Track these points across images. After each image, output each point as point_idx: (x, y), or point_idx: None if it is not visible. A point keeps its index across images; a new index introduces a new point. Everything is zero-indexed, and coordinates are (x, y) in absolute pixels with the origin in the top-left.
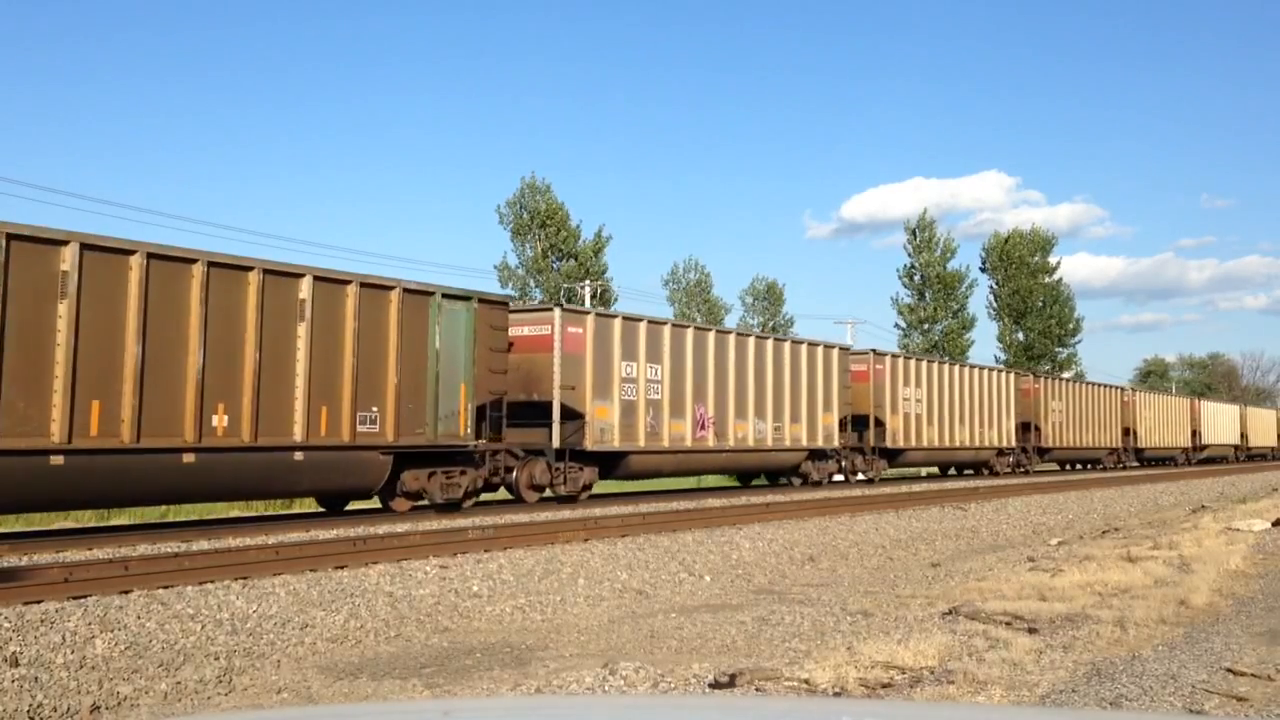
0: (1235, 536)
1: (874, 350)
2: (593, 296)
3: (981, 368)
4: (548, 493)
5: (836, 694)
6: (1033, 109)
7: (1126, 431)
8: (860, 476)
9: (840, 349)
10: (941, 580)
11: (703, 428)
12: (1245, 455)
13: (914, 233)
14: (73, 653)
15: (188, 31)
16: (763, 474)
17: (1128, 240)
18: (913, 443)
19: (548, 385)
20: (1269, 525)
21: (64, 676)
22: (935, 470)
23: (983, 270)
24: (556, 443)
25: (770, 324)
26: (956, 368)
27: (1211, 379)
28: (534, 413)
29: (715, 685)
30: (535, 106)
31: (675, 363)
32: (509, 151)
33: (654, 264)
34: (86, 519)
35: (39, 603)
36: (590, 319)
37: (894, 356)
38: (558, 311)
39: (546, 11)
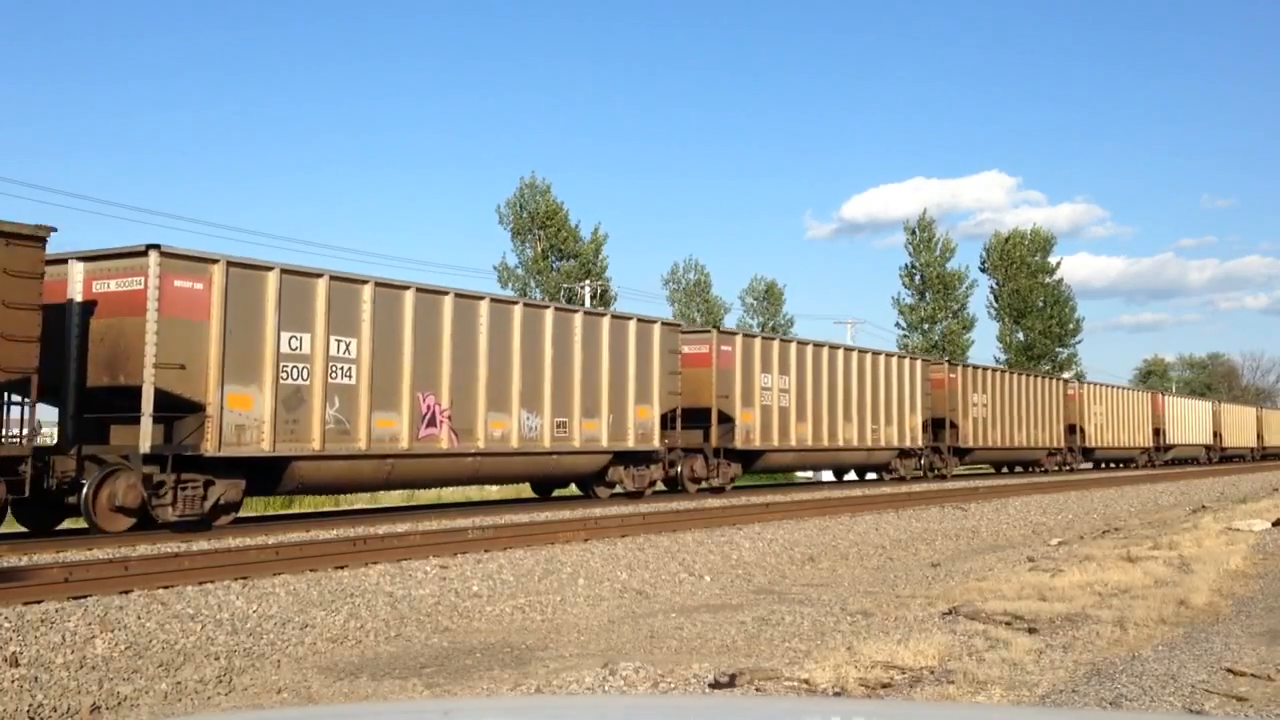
0: (1235, 536)
1: (717, 327)
2: (593, 296)
3: (876, 353)
4: (703, 484)
5: (836, 694)
6: (1033, 109)
7: (1071, 429)
8: (705, 484)
9: (665, 325)
10: (941, 580)
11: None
12: (1219, 457)
13: (914, 233)
14: (73, 653)
15: (188, 32)
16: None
17: (1128, 240)
18: (774, 442)
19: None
20: (1269, 525)
21: (64, 676)
22: (812, 475)
23: (983, 270)
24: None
25: (771, 324)
26: (840, 352)
27: (1211, 379)
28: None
29: (715, 685)
30: (535, 106)
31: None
32: (509, 151)
33: (655, 264)
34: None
35: (39, 603)
36: (739, 339)
37: (748, 336)
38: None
39: (546, 12)
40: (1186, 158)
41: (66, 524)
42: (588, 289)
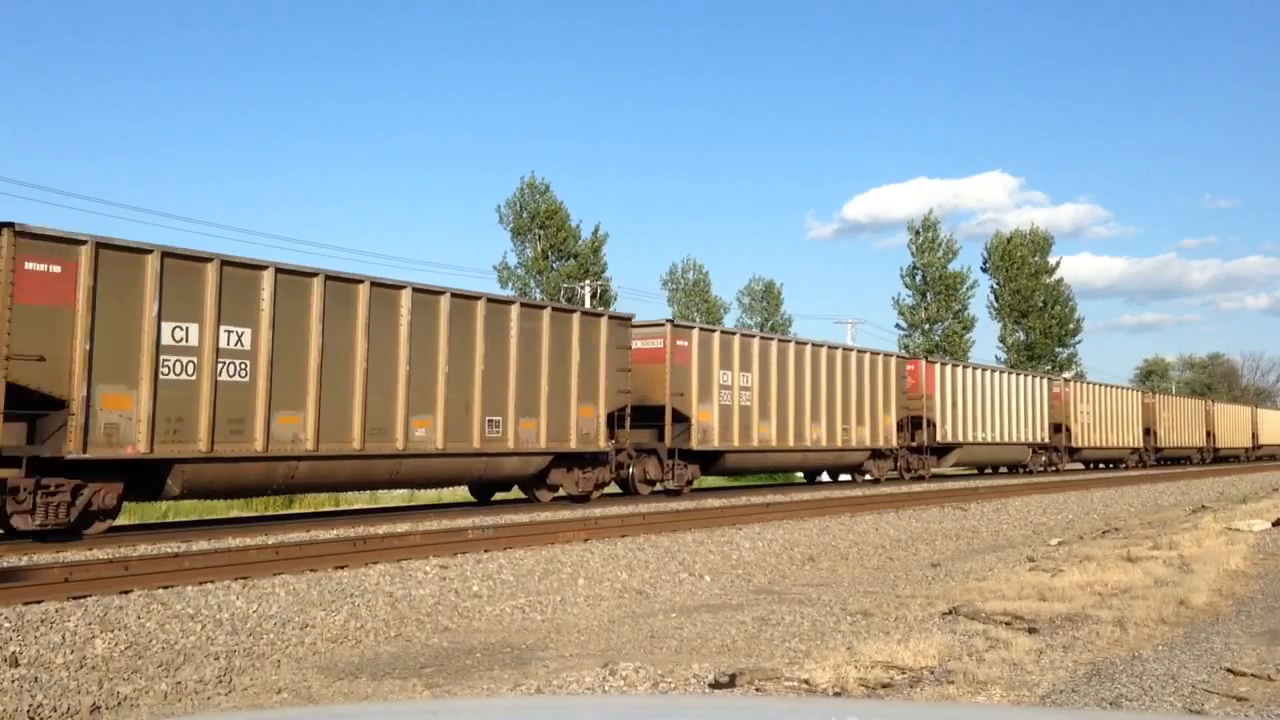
0: (1235, 536)
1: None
2: (593, 296)
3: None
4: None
5: (836, 694)
6: (1036, 110)
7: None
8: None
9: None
10: (941, 580)
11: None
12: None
13: (917, 233)
14: (73, 653)
15: (188, 32)
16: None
17: (1130, 240)
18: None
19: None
20: (1269, 525)
21: (64, 676)
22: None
23: (984, 270)
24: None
25: (770, 324)
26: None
27: (1212, 379)
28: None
29: (715, 685)
30: (535, 106)
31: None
32: (509, 151)
33: (655, 264)
34: None
35: (39, 603)
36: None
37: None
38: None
39: (546, 12)
40: (1189, 158)
41: None
42: (587, 289)
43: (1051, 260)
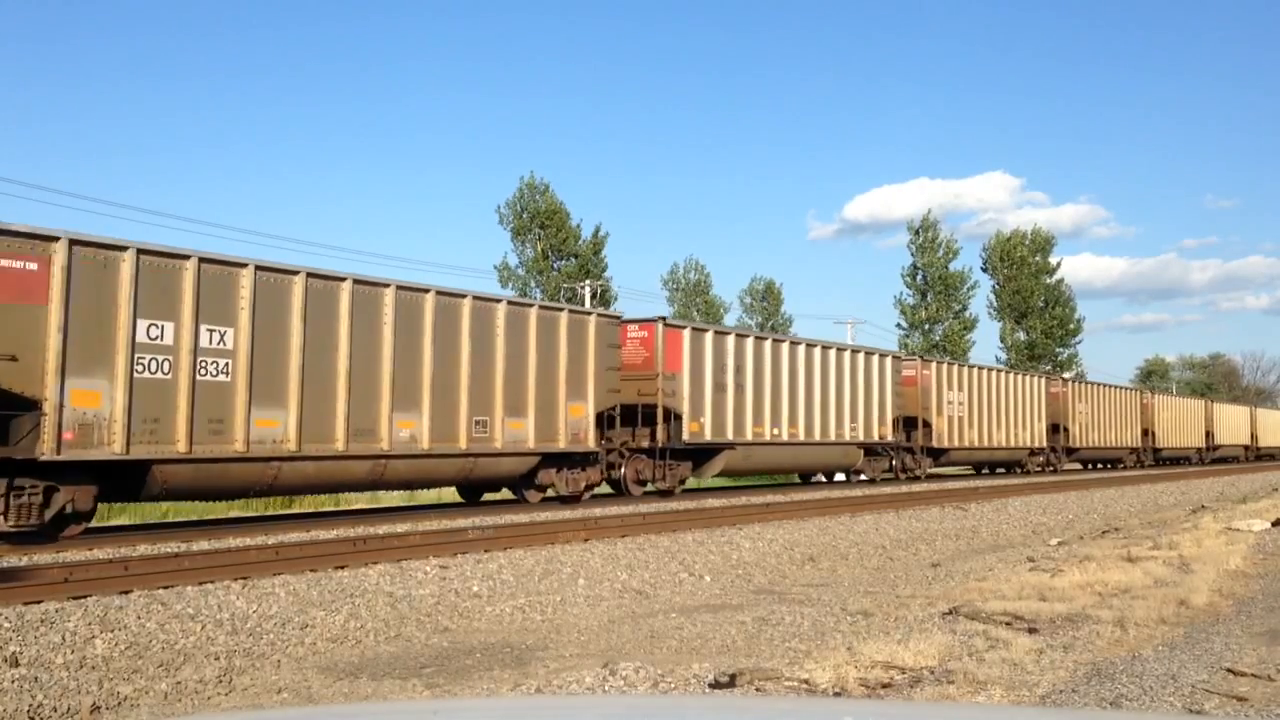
0: (1235, 536)
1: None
2: (593, 296)
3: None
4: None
5: (836, 694)
6: (1037, 110)
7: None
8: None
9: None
10: (942, 580)
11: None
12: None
13: (918, 233)
14: (73, 653)
15: (188, 32)
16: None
17: (1131, 241)
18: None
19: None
20: (1269, 525)
21: (64, 676)
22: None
23: (984, 270)
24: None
25: (770, 324)
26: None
27: (1212, 379)
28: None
29: (715, 685)
30: (536, 106)
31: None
32: (509, 151)
33: (655, 264)
34: None
35: (39, 603)
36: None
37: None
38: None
39: (547, 12)
40: (1190, 158)
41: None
42: (588, 289)
43: (1052, 260)
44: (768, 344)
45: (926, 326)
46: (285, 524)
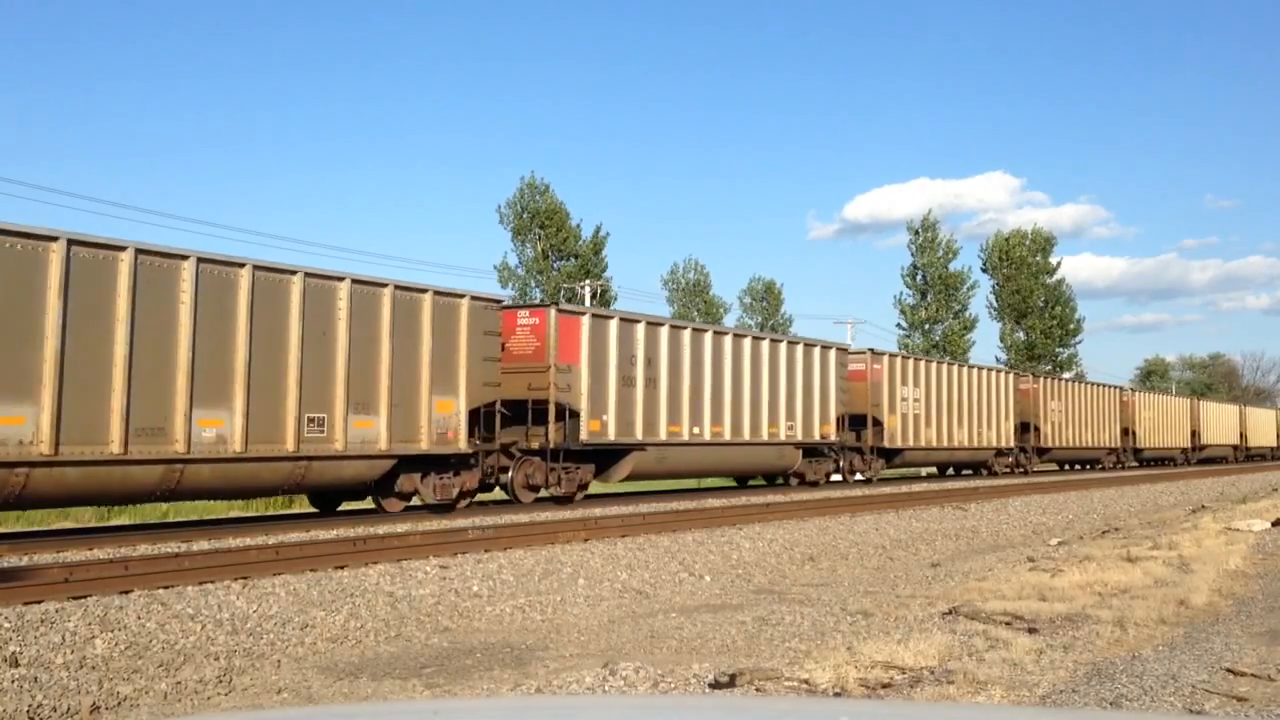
0: (1235, 536)
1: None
2: (593, 296)
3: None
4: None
5: (836, 694)
6: (1038, 110)
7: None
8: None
9: (475, 299)
10: (942, 580)
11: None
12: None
13: (917, 233)
14: (73, 653)
15: (188, 32)
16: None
17: (1131, 241)
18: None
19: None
20: (1269, 525)
21: (64, 676)
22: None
23: (983, 271)
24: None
25: (770, 324)
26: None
27: (1212, 379)
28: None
29: (715, 685)
30: (536, 106)
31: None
32: (509, 151)
33: (655, 264)
34: (87, 518)
35: (39, 603)
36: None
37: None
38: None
39: (547, 12)
40: (1190, 158)
41: None
42: (588, 289)
43: (1053, 260)
44: (686, 333)
45: (926, 327)
46: (285, 524)
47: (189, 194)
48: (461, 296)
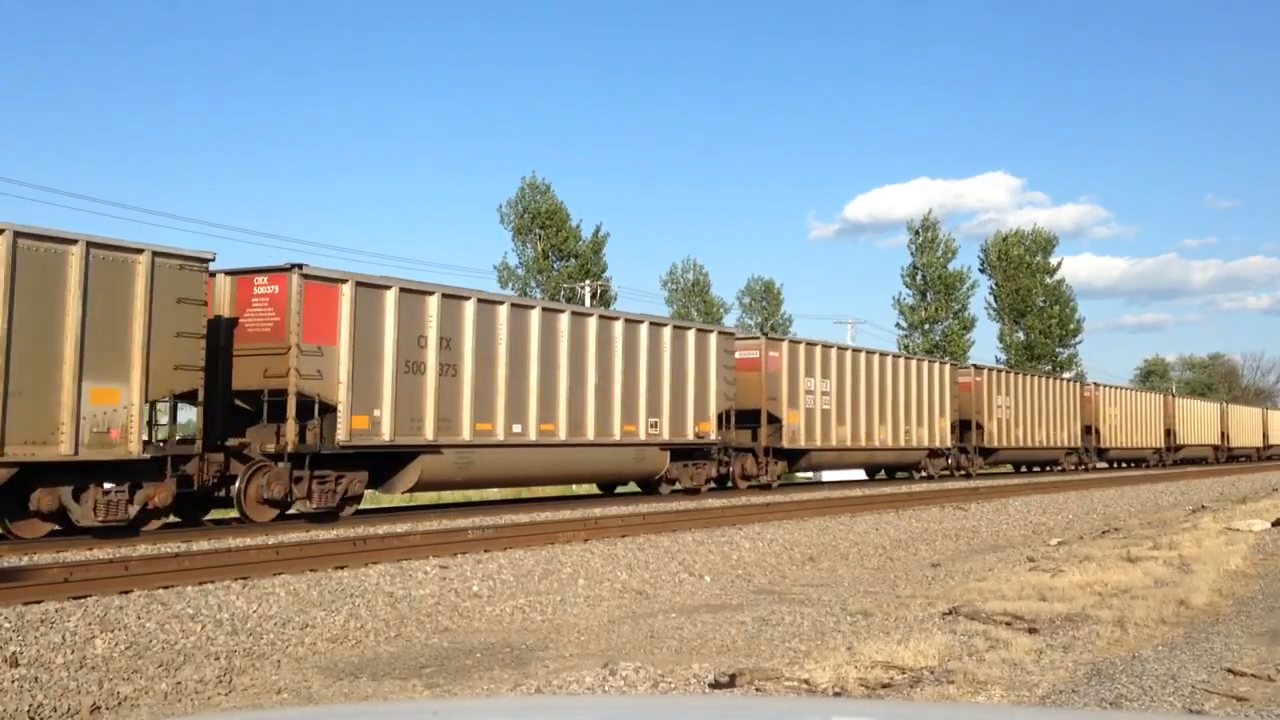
0: (1235, 536)
1: (765, 334)
2: (593, 296)
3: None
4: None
5: (836, 694)
6: (1038, 110)
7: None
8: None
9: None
10: (942, 580)
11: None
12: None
13: (917, 233)
14: (73, 653)
15: (188, 33)
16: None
17: (1131, 241)
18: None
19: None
20: (1269, 525)
21: (64, 676)
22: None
23: (982, 270)
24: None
25: (769, 323)
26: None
27: (1212, 379)
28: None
29: (715, 685)
30: (536, 107)
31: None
32: (509, 152)
33: (657, 264)
34: None
35: (39, 603)
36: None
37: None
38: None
39: (548, 13)
40: (1190, 159)
41: None
42: (588, 289)
43: (1053, 260)
44: (503, 309)
45: (926, 327)
46: (285, 524)
47: (187, 193)
48: (139, 251)
